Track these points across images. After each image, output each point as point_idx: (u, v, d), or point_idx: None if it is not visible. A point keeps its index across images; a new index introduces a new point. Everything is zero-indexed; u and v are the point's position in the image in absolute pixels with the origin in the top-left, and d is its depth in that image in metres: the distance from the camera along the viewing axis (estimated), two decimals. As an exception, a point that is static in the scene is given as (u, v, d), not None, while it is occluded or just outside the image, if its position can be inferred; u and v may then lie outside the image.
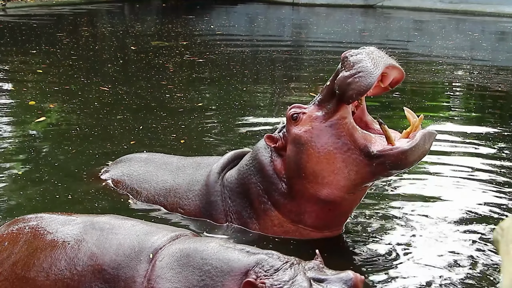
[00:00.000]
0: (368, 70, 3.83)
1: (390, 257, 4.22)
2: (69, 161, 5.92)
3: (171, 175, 4.92)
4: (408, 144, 3.86)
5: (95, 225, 3.43)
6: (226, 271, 2.94)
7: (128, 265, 3.19)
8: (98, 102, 8.17)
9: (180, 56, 11.93)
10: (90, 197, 5.04)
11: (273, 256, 2.94)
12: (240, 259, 2.97)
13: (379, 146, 3.96)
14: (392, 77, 4.02)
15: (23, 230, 3.59)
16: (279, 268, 2.87)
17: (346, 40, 15.08)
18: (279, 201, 4.32)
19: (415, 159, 3.93)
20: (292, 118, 4.17)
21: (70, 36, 14.21)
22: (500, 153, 6.48)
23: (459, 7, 20.86)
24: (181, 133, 6.75)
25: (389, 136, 3.95)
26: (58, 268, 3.32)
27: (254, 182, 4.39)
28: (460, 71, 11.28)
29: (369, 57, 3.88)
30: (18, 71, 10.11)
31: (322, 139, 4.03)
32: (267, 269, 2.88)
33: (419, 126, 3.99)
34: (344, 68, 3.93)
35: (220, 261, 2.99)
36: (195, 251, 3.10)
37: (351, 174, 4.01)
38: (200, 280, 2.98)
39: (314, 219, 4.31)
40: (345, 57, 3.96)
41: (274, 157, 4.32)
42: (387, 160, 3.89)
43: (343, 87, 3.90)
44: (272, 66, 11.46)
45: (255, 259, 2.93)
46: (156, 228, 3.42)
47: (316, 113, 4.10)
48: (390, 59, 3.96)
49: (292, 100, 8.72)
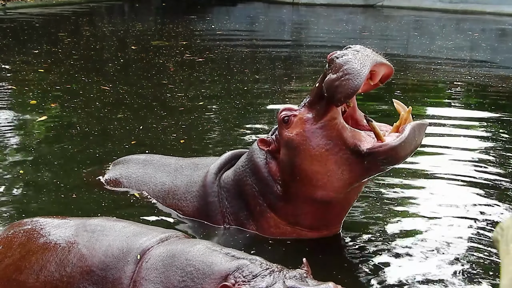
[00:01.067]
0: (355, 72, 3.77)
1: (387, 256, 4.22)
2: (69, 160, 5.93)
3: (169, 177, 4.92)
4: (398, 140, 3.84)
5: (86, 227, 3.44)
6: (207, 274, 2.94)
7: (116, 266, 3.18)
8: (99, 101, 8.19)
9: (180, 55, 11.96)
10: (89, 198, 5.04)
11: (255, 262, 2.92)
12: (222, 263, 2.96)
13: (368, 143, 3.94)
14: (381, 74, 4.00)
15: (18, 234, 3.61)
16: (258, 274, 2.85)
17: (346, 39, 15.05)
18: (275, 204, 4.31)
19: (407, 153, 3.91)
20: (283, 121, 4.14)
21: (71, 36, 14.23)
22: (500, 153, 6.48)
23: (459, 7, 20.85)
24: (181, 133, 6.77)
25: (377, 133, 3.94)
26: (48, 270, 3.32)
27: (250, 184, 4.38)
28: (459, 70, 11.28)
29: (355, 57, 3.84)
30: (20, 71, 10.12)
31: (314, 141, 4.00)
32: (245, 275, 2.86)
33: (408, 118, 3.97)
34: (331, 71, 3.90)
35: (203, 264, 2.99)
36: (180, 252, 3.10)
37: (344, 174, 4.00)
38: (181, 280, 2.99)
39: (311, 220, 4.31)
40: (332, 59, 3.93)
41: (269, 159, 4.31)
42: (378, 157, 3.88)
43: (331, 90, 3.87)
44: (272, 65, 11.47)
45: (236, 264, 2.92)
46: (147, 230, 3.41)
47: (307, 115, 4.07)
48: (377, 56, 3.93)
49: (292, 100, 8.74)
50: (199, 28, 16.47)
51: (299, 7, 22.81)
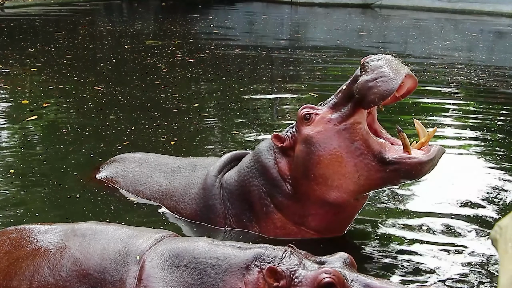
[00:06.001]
0: (390, 75, 3.86)
1: (388, 256, 4.23)
2: (60, 160, 5.88)
3: (166, 178, 4.88)
4: (426, 156, 3.91)
5: (76, 232, 3.44)
6: (223, 268, 2.98)
7: (115, 268, 3.20)
8: (92, 101, 8.13)
9: (171, 55, 11.85)
10: (82, 198, 5.00)
11: (268, 248, 3.01)
12: (235, 255, 3.01)
13: (394, 153, 3.98)
14: (406, 87, 4.05)
15: (3, 243, 3.58)
16: (282, 256, 2.93)
17: (344, 39, 15.04)
18: (283, 203, 4.28)
19: (427, 171, 3.98)
20: (304, 118, 4.15)
21: (66, 35, 14.16)
22: (498, 152, 6.47)
23: (457, 6, 20.82)
24: (172, 135, 6.70)
25: (407, 144, 3.98)
26: (41, 275, 3.30)
27: (256, 185, 4.35)
28: (458, 70, 11.24)
29: (388, 64, 3.92)
30: (13, 70, 10.05)
31: (335, 141, 4.02)
32: (270, 260, 2.93)
33: (431, 137, 4.07)
34: (364, 73, 3.94)
35: (215, 259, 3.02)
36: (184, 251, 3.12)
37: (361, 179, 4.01)
38: (196, 278, 3.00)
39: (318, 222, 4.29)
40: (366, 62, 3.97)
41: (278, 158, 4.29)
42: (403, 167, 3.92)
43: (363, 91, 3.90)
44: (269, 65, 11.41)
45: (252, 253, 2.99)
46: (139, 232, 3.43)
47: (330, 115, 4.09)
48: (407, 68, 3.99)
49: (290, 100, 8.68)
50: (196, 28, 16.39)
51: (298, 7, 22.77)
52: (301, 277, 2.85)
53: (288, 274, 2.86)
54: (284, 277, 2.85)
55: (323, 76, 10.36)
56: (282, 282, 2.85)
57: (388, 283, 2.91)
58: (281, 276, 2.85)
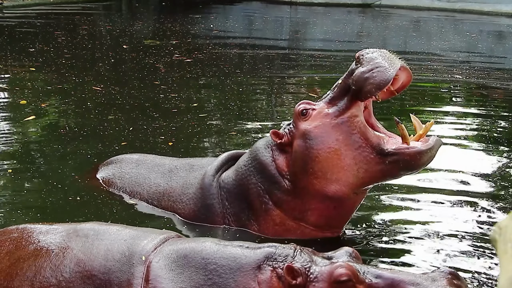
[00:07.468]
0: (385, 66, 3.91)
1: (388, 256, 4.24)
2: (58, 161, 5.86)
3: (163, 178, 4.87)
4: (425, 146, 3.95)
5: (78, 233, 3.41)
6: (234, 268, 2.99)
7: (120, 269, 3.19)
8: (90, 102, 8.10)
9: (170, 55, 11.82)
10: (80, 199, 4.98)
11: (278, 247, 3.03)
12: (246, 255, 3.02)
13: (393, 144, 4.02)
14: (401, 80, 4.07)
15: (4, 242, 3.56)
16: (295, 254, 2.97)
17: (343, 39, 15.02)
18: (282, 199, 4.29)
19: (427, 161, 4.00)
20: (301, 113, 4.19)
21: (65, 35, 14.12)
22: (497, 151, 6.47)
23: (457, 6, 20.82)
24: (170, 135, 6.68)
25: (405, 135, 4.01)
26: (43, 276, 3.28)
27: (254, 183, 4.36)
28: (457, 70, 11.22)
29: (383, 56, 3.98)
30: (12, 70, 10.04)
31: (333, 135, 4.06)
32: (282, 259, 2.96)
33: (429, 130, 4.09)
34: (360, 65, 3.99)
35: (225, 259, 3.04)
36: (192, 252, 3.12)
37: (360, 172, 4.04)
38: (206, 279, 3.01)
39: (317, 217, 4.29)
40: (361, 55, 4.03)
41: (276, 155, 4.31)
42: (402, 158, 3.95)
43: (360, 82, 3.95)
44: (268, 65, 11.39)
45: (263, 253, 3.01)
46: (143, 232, 3.42)
47: (327, 109, 4.13)
48: (402, 61, 4.03)
49: (289, 100, 8.67)
50: (196, 28, 16.36)
51: (297, 6, 22.74)
52: (316, 273, 2.89)
53: (304, 271, 2.90)
54: (301, 274, 2.89)
55: (323, 76, 10.34)
56: (299, 279, 2.88)
57: (397, 272, 2.94)
58: (298, 273, 2.89)
